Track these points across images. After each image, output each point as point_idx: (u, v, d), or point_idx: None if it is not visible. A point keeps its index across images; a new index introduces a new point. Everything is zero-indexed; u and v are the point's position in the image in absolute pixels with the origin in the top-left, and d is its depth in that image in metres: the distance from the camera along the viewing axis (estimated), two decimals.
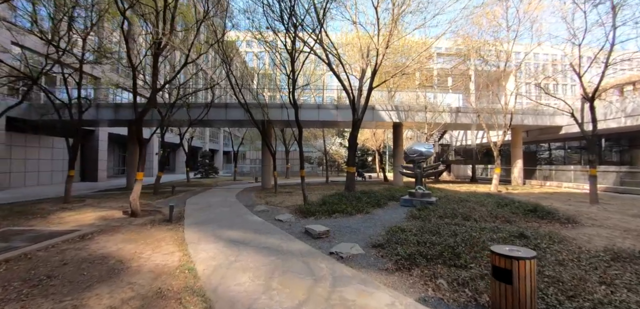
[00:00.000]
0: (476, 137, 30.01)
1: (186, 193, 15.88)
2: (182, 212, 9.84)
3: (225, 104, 18.76)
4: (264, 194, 15.47)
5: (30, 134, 20.21)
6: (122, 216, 9.24)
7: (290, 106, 19.29)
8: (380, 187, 19.01)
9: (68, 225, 7.95)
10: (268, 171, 19.72)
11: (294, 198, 13.44)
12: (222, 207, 10.77)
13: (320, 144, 40.15)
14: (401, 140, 21.69)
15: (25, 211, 10.11)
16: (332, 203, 10.57)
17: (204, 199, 13.37)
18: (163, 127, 16.21)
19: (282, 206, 11.21)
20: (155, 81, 9.16)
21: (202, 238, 6.53)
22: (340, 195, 12.78)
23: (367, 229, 7.55)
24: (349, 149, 14.88)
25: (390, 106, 19.78)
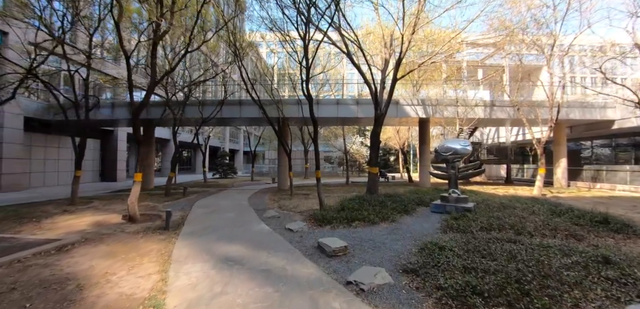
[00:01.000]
0: (510, 134, 27.54)
1: (198, 195, 15.06)
2: (184, 218, 8.85)
3: (239, 101, 17.87)
4: (279, 196, 14.35)
5: (49, 134, 20.30)
6: (120, 221, 8.38)
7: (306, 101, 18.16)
8: (405, 189, 17.40)
9: (55, 232, 7.13)
10: (284, 171, 18.62)
11: (309, 202, 12.20)
12: (229, 212, 9.70)
13: (340, 143, 38.76)
14: (428, 137, 19.93)
15: (24, 213, 9.52)
16: (352, 209, 9.23)
17: (214, 201, 12.42)
18: (176, 125, 15.50)
19: (295, 211, 10.00)
20: (154, 71, 8.22)
21: (192, 254, 5.40)
22: (362, 199, 11.40)
23: (394, 244, 6.16)
24: (371, 147, 13.47)
25: (415, 100, 18.10)
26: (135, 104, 8.21)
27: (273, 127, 14.58)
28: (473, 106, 17.53)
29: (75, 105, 12.03)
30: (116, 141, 24.73)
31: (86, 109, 12.20)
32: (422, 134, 19.86)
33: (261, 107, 14.09)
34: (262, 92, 18.05)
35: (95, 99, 14.07)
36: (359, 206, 9.86)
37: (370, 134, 13.50)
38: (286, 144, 14.94)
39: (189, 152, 43.91)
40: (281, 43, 11.15)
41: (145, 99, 8.08)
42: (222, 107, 17.16)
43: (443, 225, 7.80)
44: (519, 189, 17.73)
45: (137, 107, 8.10)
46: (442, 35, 16.83)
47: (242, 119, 18.35)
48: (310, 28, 9.32)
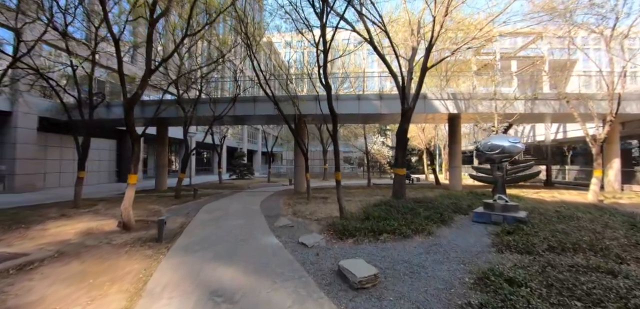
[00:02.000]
0: (549, 131, 25.03)
1: (209, 198, 14.08)
2: (184, 226, 7.75)
3: (253, 98, 16.80)
4: (294, 200, 13.10)
5: (65, 134, 20.10)
6: (114, 229, 7.39)
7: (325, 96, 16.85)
8: (434, 192, 15.72)
9: (36, 243, 6.18)
10: (300, 172, 17.38)
11: (328, 207, 10.86)
12: (237, 219, 8.52)
13: (361, 143, 37.10)
14: (459, 135, 18.08)
15: (21, 217, 8.78)
16: (378, 217, 7.80)
17: (223, 205, 11.33)
18: (187, 124, 14.62)
19: (311, 219, 8.68)
20: (149, 59, 7.16)
21: (174, 281, 4.19)
22: (388, 205, 9.94)
23: (437, 268, 4.72)
24: (397, 146, 11.95)
25: (445, 94, 16.35)
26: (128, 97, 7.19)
27: (288, 125, 13.37)
28: (512, 99, 15.54)
29: (78, 103, 11.32)
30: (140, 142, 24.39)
31: (90, 107, 11.46)
32: (452, 132, 18.04)
33: (276, 103, 12.91)
34: (278, 90, 16.93)
35: (101, 97, 13.39)
36: (386, 213, 8.42)
37: (397, 131, 12.00)
38: (303, 144, 13.68)
39: (208, 153, 43.72)
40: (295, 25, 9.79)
41: (138, 90, 7.05)
42: (235, 105, 16.14)
43: (495, 241, 6.24)
44: (565, 193, 15.56)
45: (129, 99, 7.08)
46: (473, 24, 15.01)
47: (256, 116, 17.30)
48: (327, 7, 7.98)
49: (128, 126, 7.14)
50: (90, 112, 11.47)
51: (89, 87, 11.42)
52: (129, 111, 7.05)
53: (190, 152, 14.72)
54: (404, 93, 11.52)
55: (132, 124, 7.18)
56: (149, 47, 7.14)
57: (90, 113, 11.47)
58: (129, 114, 7.08)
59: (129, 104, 7.02)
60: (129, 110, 7.04)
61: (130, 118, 7.11)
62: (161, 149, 19.06)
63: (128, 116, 7.08)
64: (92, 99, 11.57)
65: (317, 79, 24.71)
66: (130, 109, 7.04)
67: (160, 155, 19.06)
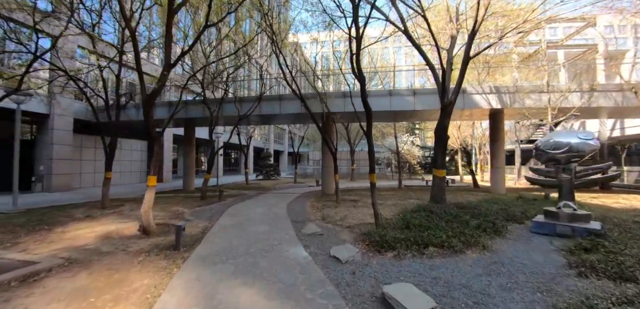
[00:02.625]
0: (605, 128, 22.43)
1: (234, 199, 13.65)
2: (205, 231, 7.19)
3: (279, 97, 16.23)
4: (323, 203, 12.32)
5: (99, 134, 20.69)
6: (133, 234, 6.98)
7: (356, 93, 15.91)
8: (474, 196, 14.31)
9: (53, 247, 5.85)
10: (329, 172, 16.56)
11: (360, 212, 9.96)
12: (261, 225, 7.85)
13: (389, 142, 35.64)
14: (501, 133, 16.44)
15: (47, 218, 8.71)
16: (420, 226, 6.81)
17: (248, 209, 10.76)
18: (212, 124, 14.29)
19: (342, 226, 7.83)
20: (168, 52, 6.67)
21: (186, 304, 3.52)
22: (428, 210, 8.88)
23: (509, 301, 3.71)
24: (437, 145, 10.80)
25: (487, 88, 14.85)
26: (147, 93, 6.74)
27: (316, 123, 12.61)
28: (567, 92, 13.77)
29: (106, 104, 11.27)
30: (163, 142, 24.81)
31: (117, 107, 11.36)
32: (494, 129, 16.44)
33: (302, 100, 12.21)
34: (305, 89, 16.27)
35: (128, 98, 13.36)
36: (427, 221, 7.40)
37: (435, 128, 10.86)
38: (331, 143, 12.86)
39: (236, 153, 44.15)
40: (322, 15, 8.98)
41: (157, 85, 6.58)
42: (261, 104, 15.65)
43: (570, 260, 5.09)
44: (631, 198, 13.53)
45: (147, 96, 6.62)
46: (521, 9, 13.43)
47: (282, 115, 16.73)
48: None
49: (147, 124, 6.69)
50: (117, 113, 11.38)
51: (116, 88, 11.31)
52: (148, 108, 6.59)
53: (216, 152, 14.38)
54: (444, 86, 10.37)
55: (151, 121, 6.71)
56: (168, 39, 6.63)
57: (117, 114, 11.38)
58: (147, 112, 6.62)
59: (147, 101, 6.56)
60: (148, 107, 6.58)
61: (149, 116, 6.65)
62: (188, 149, 19.04)
63: (147, 114, 6.62)
64: (119, 100, 11.46)
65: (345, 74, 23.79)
66: (148, 105, 6.58)
67: (187, 155, 19.05)
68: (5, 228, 7.52)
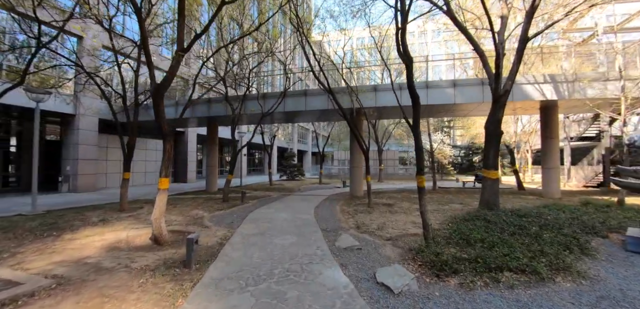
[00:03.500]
0: None
1: (257, 201, 12.76)
2: (223, 242, 6.22)
3: (304, 92, 15.21)
4: (353, 207, 11.12)
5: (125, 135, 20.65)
6: (143, 243, 6.16)
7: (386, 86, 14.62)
8: (526, 200, 12.57)
9: (53, 259, 5.11)
10: (358, 173, 15.34)
11: (398, 219, 8.68)
12: (287, 235, 6.79)
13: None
14: (555, 128, 14.49)
15: (62, 221, 8.13)
16: (483, 242, 5.48)
17: (272, 213, 9.77)
18: (235, 122, 13.48)
19: (383, 237, 6.61)
20: (181, 35, 5.76)
21: None
22: (483, 219, 7.45)
23: None
24: (488, 142, 9.28)
25: (541, 76, 13.01)
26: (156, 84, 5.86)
27: (346, 119, 11.44)
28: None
29: (124, 103, 10.71)
30: (187, 142, 24.61)
31: (136, 105, 10.76)
32: (547, 124, 14.51)
33: (331, 92, 11.11)
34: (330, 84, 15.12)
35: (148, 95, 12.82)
36: (487, 233, 6.03)
37: (487, 123, 9.35)
38: (362, 140, 11.64)
39: (259, 153, 43.83)
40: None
41: (169, 73, 5.69)
42: (285, 100, 14.69)
43: None
44: None
45: (158, 85, 5.74)
46: None
47: (307, 112, 15.67)
48: None
49: (157, 119, 5.82)
50: (135, 112, 10.78)
51: (135, 85, 10.72)
52: (157, 100, 5.71)
53: (239, 151, 13.57)
54: (498, 72, 8.85)
55: (161, 116, 5.82)
56: (181, 20, 5.72)
57: (135, 112, 10.78)
58: (157, 105, 5.74)
59: (157, 91, 5.68)
60: (157, 98, 5.70)
61: (160, 109, 5.77)
62: (211, 148, 18.46)
63: (157, 107, 5.75)
64: (137, 98, 10.86)
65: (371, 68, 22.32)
66: (158, 97, 5.69)
67: (210, 155, 18.48)
68: (14, 233, 6.97)
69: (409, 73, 5.74)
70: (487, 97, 13.10)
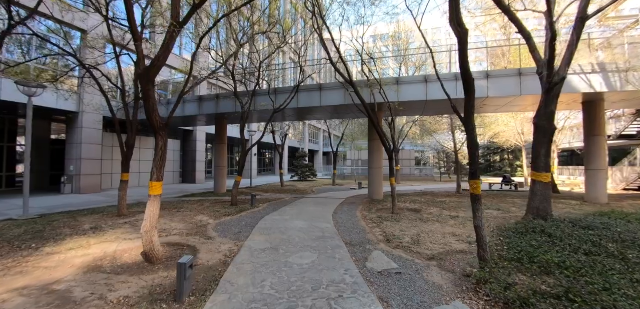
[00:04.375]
0: None
1: (268, 205, 11.66)
2: (227, 261, 5.09)
3: (319, 86, 14.02)
4: (376, 213, 9.89)
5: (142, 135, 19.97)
6: (133, 260, 5.10)
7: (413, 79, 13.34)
8: (569, 205, 11.12)
9: (17, 284, 4.07)
10: (377, 174, 14.08)
11: (432, 228, 7.41)
12: (306, 252, 5.60)
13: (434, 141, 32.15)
14: (602, 124, 12.92)
15: (49, 228, 7.20)
16: (561, 266, 4.19)
17: (285, 221, 8.63)
18: (244, 119, 12.41)
19: (422, 255, 5.37)
20: (177, 6, 4.66)
21: None
22: (538, 230, 6.15)
23: None
24: (539, 140, 7.89)
25: (588, 65, 11.49)
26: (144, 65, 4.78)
27: (368, 114, 10.23)
28: None
29: (123, 97, 9.77)
30: (195, 142, 23.77)
31: (136, 100, 9.81)
32: (591, 120, 12.94)
33: (352, 84, 9.95)
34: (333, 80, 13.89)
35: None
36: (558, 252, 4.73)
37: (536, 118, 7.97)
38: (384, 137, 10.39)
39: (270, 153, 42.89)
40: None
41: (161, 52, 4.59)
42: (298, 95, 13.55)
43: None
44: None
45: (146, 67, 4.65)
46: None
47: (322, 108, 14.48)
48: None
49: (146, 107, 4.74)
50: (135, 107, 9.83)
51: (135, 79, 9.76)
52: (146, 83, 4.61)
53: (248, 150, 12.50)
54: (551, 57, 7.47)
55: (151, 103, 4.73)
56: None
57: (135, 108, 9.84)
58: (147, 92, 4.64)
59: (145, 74, 4.59)
60: (146, 82, 4.60)
61: (149, 94, 4.67)
62: (220, 148, 17.49)
63: (146, 94, 4.66)
64: (138, 93, 9.90)
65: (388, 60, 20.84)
66: (146, 80, 4.60)
67: (218, 155, 17.50)
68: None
69: (463, 49, 4.50)
70: (525, 90, 11.69)
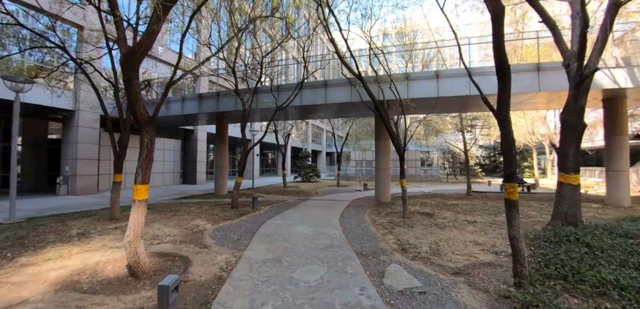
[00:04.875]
0: None
1: (270, 208, 11.01)
2: (223, 275, 4.45)
3: (324, 83, 13.36)
4: (386, 217, 9.22)
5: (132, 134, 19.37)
6: (116, 274, 4.47)
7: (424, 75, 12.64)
8: (589, 208, 10.38)
9: None
10: (385, 176, 13.42)
11: (450, 235, 6.72)
12: (313, 264, 4.94)
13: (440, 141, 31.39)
14: (623, 124, 12.14)
15: (33, 233, 6.60)
16: (616, 285, 3.50)
17: (288, 226, 7.97)
18: (245, 117, 11.78)
19: (445, 268, 4.70)
20: None
21: None
22: (572, 238, 5.45)
23: None
24: (567, 137, 7.19)
25: (612, 60, 10.74)
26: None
27: (379, 112, 9.56)
28: None
29: (115, 93, 9.17)
30: (196, 142, 23.19)
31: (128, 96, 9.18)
32: (613, 118, 12.18)
33: (361, 78, 9.34)
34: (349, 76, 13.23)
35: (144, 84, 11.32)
36: (603, 266, 4.05)
37: (564, 114, 7.28)
38: (397, 137, 9.72)
39: (273, 153, 42.28)
40: None
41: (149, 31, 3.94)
42: (302, 92, 12.89)
43: None
44: None
45: (130, 50, 4.02)
46: None
47: (327, 106, 13.81)
48: None
49: (128, 97, 4.12)
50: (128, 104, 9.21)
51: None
52: (128, 69, 3.98)
53: (249, 150, 11.86)
54: (584, 46, 6.77)
55: (134, 93, 4.10)
56: None
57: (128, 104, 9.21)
58: (129, 78, 4.01)
59: (128, 59, 3.96)
60: (128, 68, 3.97)
61: (132, 83, 4.04)
62: (220, 147, 16.87)
63: (128, 80, 4.03)
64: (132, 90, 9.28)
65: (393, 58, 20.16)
66: (128, 66, 3.97)
67: (219, 155, 16.88)
68: None
69: (498, 29, 3.83)
70: (544, 86, 10.98)
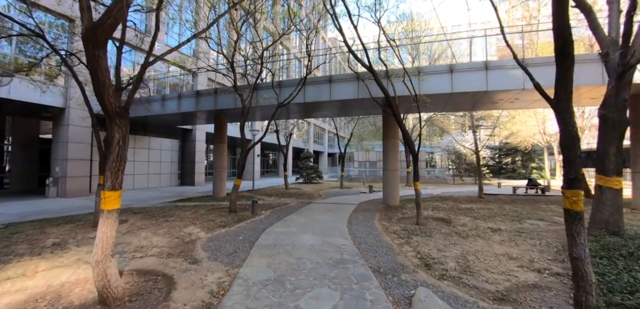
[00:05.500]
0: None
1: (271, 213, 10.17)
2: (213, 302, 3.62)
3: (329, 78, 12.51)
4: (397, 223, 8.37)
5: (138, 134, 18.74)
6: (85, 299, 3.64)
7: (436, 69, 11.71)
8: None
9: None
10: (393, 178, 12.54)
11: (476, 246, 5.86)
12: (322, 288, 4.11)
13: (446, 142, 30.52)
14: None
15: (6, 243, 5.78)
16: None
17: (291, 235, 7.14)
18: (244, 114, 10.96)
19: (482, 291, 3.85)
20: None
21: None
22: (627, 254, 4.59)
23: None
24: (606, 135, 6.35)
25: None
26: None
27: (392, 107, 8.72)
28: None
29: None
30: (195, 141, 22.38)
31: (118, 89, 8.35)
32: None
33: (371, 70, 8.50)
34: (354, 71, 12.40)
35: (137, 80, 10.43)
36: None
37: (603, 109, 6.44)
38: (409, 135, 8.86)
39: (274, 154, 41.48)
40: None
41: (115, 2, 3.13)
42: (305, 87, 12.07)
43: None
44: None
45: (93, 24, 3.20)
46: None
47: (331, 103, 12.96)
48: None
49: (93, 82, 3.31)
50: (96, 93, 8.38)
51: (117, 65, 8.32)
52: (92, 47, 3.17)
53: (249, 150, 11.03)
54: (630, 31, 5.91)
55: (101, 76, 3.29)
56: None
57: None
58: (95, 57, 3.20)
59: (91, 34, 3.14)
60: (91, 45, 3.16)
61: (98, 64, 3.23)
62: (219, 147, 16.05)
63: (91, 60, 3.23)
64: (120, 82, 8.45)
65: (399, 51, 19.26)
66: (92, 43, 3.16)
67: (217, 155, 16.06)
68: None
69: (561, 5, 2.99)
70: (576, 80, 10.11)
